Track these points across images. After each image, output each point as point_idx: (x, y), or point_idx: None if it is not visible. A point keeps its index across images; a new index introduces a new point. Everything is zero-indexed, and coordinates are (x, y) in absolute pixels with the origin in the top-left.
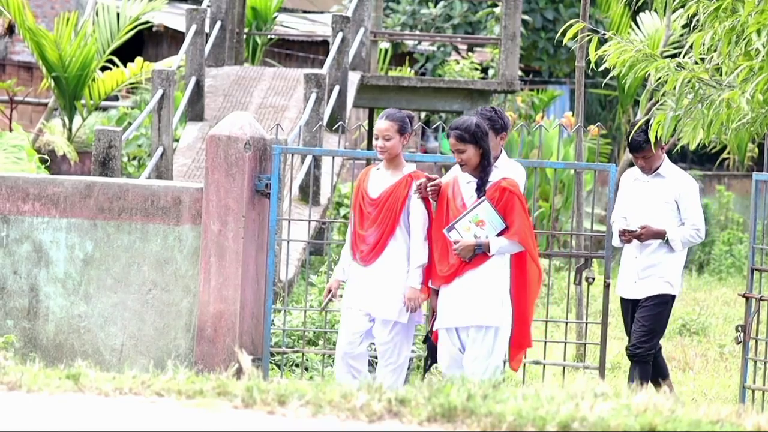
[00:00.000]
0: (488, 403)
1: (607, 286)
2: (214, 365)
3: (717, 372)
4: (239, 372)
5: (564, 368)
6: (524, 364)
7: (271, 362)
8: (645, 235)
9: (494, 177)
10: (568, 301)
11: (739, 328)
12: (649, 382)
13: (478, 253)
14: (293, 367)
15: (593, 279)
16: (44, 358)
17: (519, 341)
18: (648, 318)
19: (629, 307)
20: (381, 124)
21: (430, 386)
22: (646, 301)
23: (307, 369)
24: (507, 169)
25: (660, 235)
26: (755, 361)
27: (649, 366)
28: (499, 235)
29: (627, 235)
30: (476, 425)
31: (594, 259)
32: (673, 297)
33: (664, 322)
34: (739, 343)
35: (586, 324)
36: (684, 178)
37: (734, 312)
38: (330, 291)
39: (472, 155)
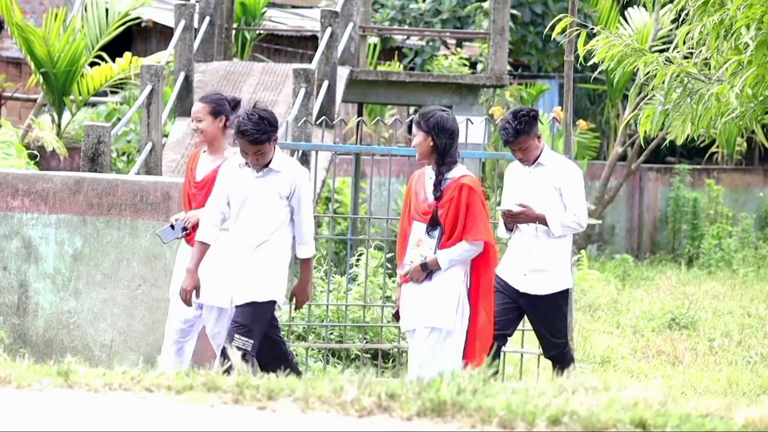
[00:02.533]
0: (478, 397)
1: None
2: (203, 361)
3: (707, 366)
4: (229, 367)
5: (522, 355)
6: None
7: None
8: (524, 216)
9: (455, 174)
10: None
11: None
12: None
13: (433, 270)
14: None
15: None
16: (34, 354)
17: (484, 345)
18: (554, 318)
19: (511, 292)
20: (195, 106)
21: (420, 381)
22: (546, 301)
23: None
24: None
25: (540, 219)
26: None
27: (570, 357)
28: (440, 240)
29: (507, 216)
30: (466, 420)
31: None
32: (569, 289)
33: (567, 313)
34: None
35: None
36: (566, 165)
37: (724, 306)
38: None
39: (421, 143)
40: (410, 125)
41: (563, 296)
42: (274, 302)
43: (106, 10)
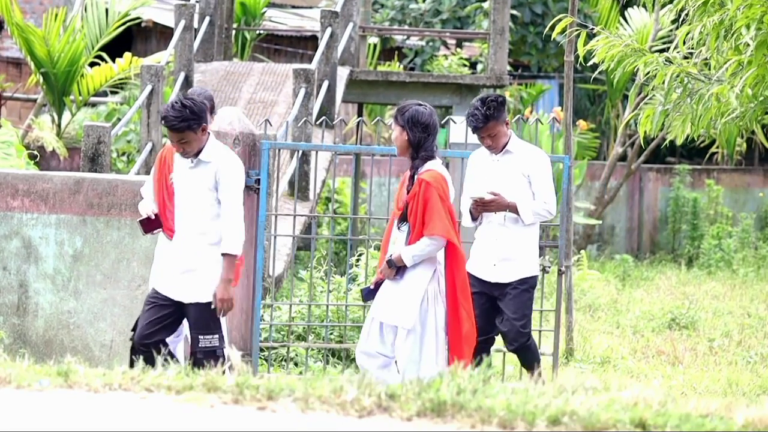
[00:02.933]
0: (478, 397)
1: (560, 274)
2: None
3: (706, 366)
4: (229, 367)
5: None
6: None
7: (260, 357)
8: (495, 204)
9: (425, 169)
10: None
11: None
12: (529, 366)
13: (403, 267)
14: (282, 362)
15: (549, 268)
16: (34, 354)
17: (470, 345)
18: (520, 304)
19: (485, 289)
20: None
21: (420, 381)
22: (513, 288)
23: (296, 364)
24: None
25: (511, 207)
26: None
27: (534, 347)
28: (408, 236)
29: (478, 204)
30: (466, 420)
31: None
32: (536, 277)
33: (532, 302)
34: None
35: (541, 312)
36: (534, 152)
37: (723, 306)
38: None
39: (397, 137)
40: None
41: (531, 283)
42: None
43: (106, 10)
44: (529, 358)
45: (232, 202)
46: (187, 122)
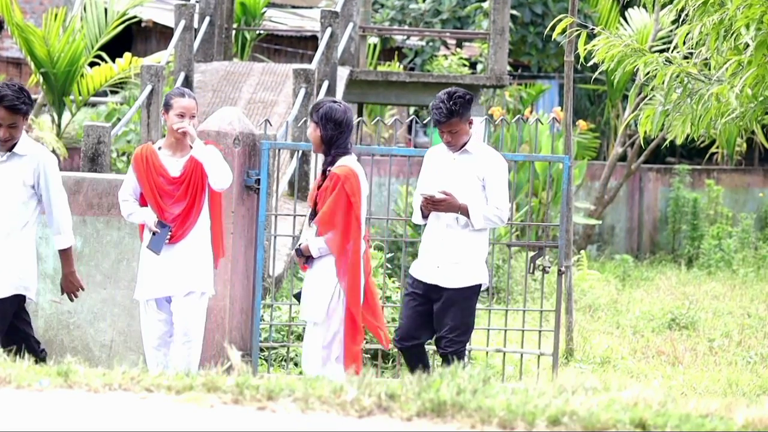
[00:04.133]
0: (478, 397)
1: (560, 274)
2: (203, 361)
3: (706, 366)
4: (229, 367)
5: (522, 355)
6: (486, 353)
7: (259, 357)
8: (446, 204)
9: (337, 164)
10: (526, 289)
11: None
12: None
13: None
14: (282, 362)
15: (549, 268)
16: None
17: (358, 346)
18: (461, 313)
19: (424, 290)
20: (187, 101)
21: (420, 381)
22: (456, 294)
23: (296, 364)
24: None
25: (462, 209)
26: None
27: (464, 358)
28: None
29: (428, 203)
30: (466, 420)
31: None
32: (480, 285)
33: (474, 312)
34: None
35: (541, 312)
36: (492, 155)
37: (723, 306)
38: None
39: (311, 133)
40: (411, 125)
41: (475, 292)
42: (19, 296)
43: (105, 9)
44: (448, 364)
45: (60, 196)
46: (25, 106)
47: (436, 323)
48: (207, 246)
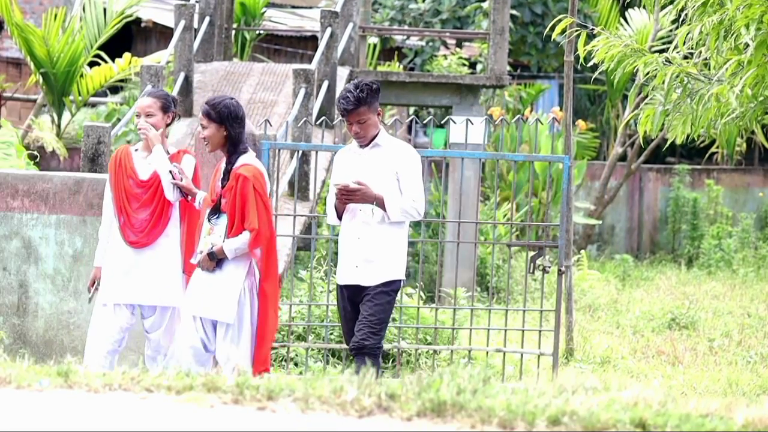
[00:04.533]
0: (478, 397)
1: (560, 274)
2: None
3: (706, 366)
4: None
5: (522, 355)
6: (486, 353)
7: None
8: (361, 194)
9: (240, 162)
10: (526, 289)
11: None
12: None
13: (222, 258)
14: (282, 362)
15: (549, 268)
16: (34, 354)
17: (261, 351)
18: (378, 306)
19: (348, 294)
20: (143, 101)
21: (420, 381)
22: (374, 289)
23: (296, 364)
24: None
25: (377, 199)
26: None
27: (378, 360)
28: (228, 228)
29: (342, 194)
30: (466, 420)
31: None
32: (400, 282)
33: (392, 310)
34: None
35: (541, 312)
36: (403, 148)
37: (723, 306)
38: (94, 281)
39: (214, 134)
40: (411, 125)
41: (393, 287)
42: None
43: (104, 9)
44: (365, 364)
45: None
46: None
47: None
48: (176, 256)
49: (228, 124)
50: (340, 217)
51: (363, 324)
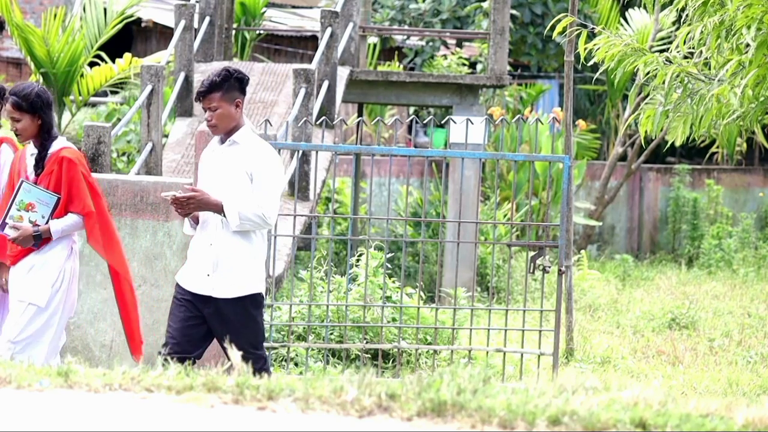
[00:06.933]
0: (478, 397)
1: (560, 274)
2: (203, 361)
3: (707, 366)
4: (229, 367)
5: (522, 355)
6: (486, 353)
7: None
8: (196, 202)
9: (56, 147)
10: (526, 289)
11: None
12: None
13: (45, 237)
14: (282, 362)
15: (549, 268)
16: None
17: (130, 328)
18: (247, 326)
19: (192, 300)
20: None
21: (420, 381)
22: (234, 305)
23: (296, 364)
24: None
25: (216, 206)
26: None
27: (268, 368)
28: (55, 209)
29: (174, 203)
30: (466, 420)
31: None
32: (261, 295)
33: (263, 323)
34: None
35: (541, 312)
36: (262, 148)
37: (724, 306)
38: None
39: (28, 125)
40: (411, 125)
41: (254, 302)
42: None
43: (105, 9)
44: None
45: None
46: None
47: (219, 338)
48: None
49: (42, 112)
50: (195, 224)
51: (245, 353)
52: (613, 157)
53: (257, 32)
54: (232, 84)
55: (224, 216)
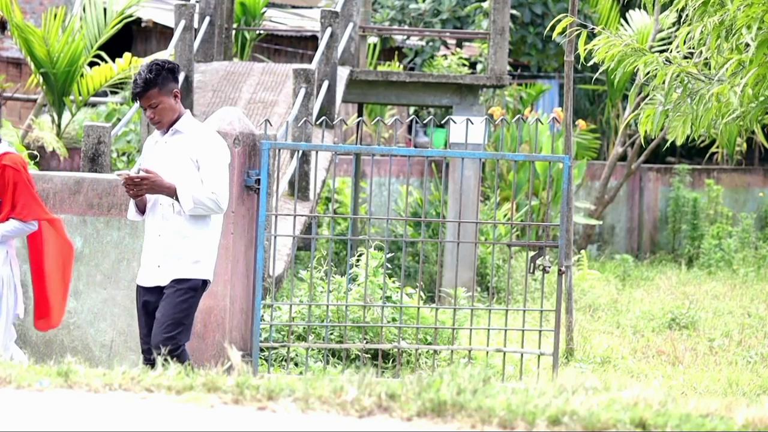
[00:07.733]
0: (478, 397)
1: (560, 274)
2: (203, 361)
3: (707, 366)
4: (229, 367)
5: (522, 355)
6: (486, 353)
7: (260, 357)
8: (149, 183)
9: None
10: (526, 289)
11: None
12: None
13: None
14: (282, 362)
15: (549, 268)
16: (34, 354)
17: (39, 311)
18: (174, 306)
19: (149, 297)
20: None
21: (420, 381)
22: (170, 287)
23: (296, 364)
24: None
25: (170, 189)
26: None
27: (182, 356)
28: None
29: (127, 184)
30: (466, 420)
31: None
32: (205, 282)
33: (193, 312)
34: None
35: (541, 312)
36: (207, 135)
37: (724, 306)
38: None
39: None
40: (411, 125)
41: (192, 284)
42: None
43: (105, 9)
44: (153, 365)
45: None
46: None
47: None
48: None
49: None
50: (142, 212)
51: (158, 324)
52: (613, 157)
53: (257, 32)
54: (166, 76)
55: (177, 200)
